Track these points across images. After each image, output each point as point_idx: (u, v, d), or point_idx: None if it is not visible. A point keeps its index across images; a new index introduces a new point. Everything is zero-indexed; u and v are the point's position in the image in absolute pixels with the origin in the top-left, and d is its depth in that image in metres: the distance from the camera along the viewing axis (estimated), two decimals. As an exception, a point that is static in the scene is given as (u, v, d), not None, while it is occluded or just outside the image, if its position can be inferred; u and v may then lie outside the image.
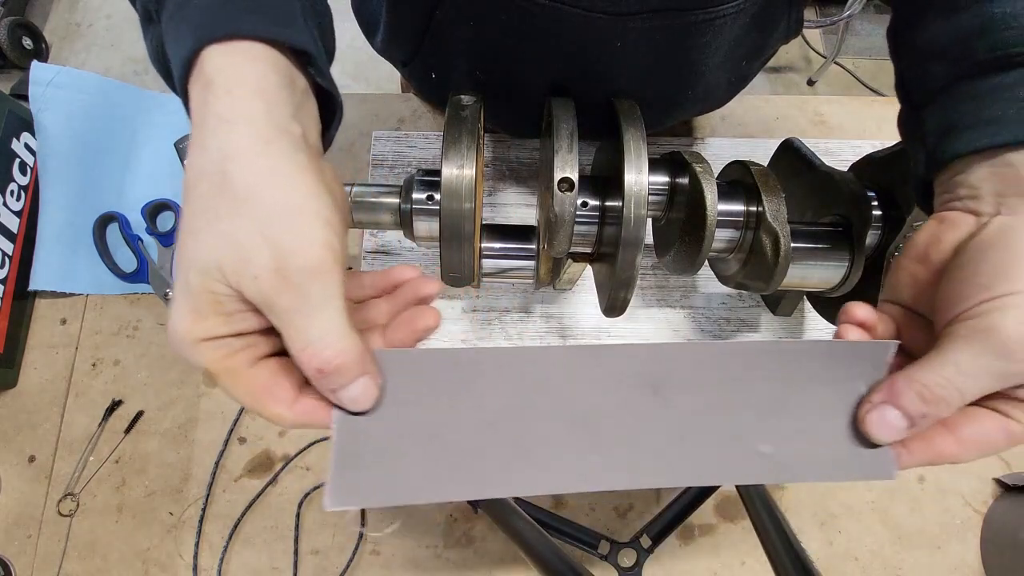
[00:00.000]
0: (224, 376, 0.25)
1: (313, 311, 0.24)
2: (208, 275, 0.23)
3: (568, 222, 0.43)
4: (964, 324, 0.25)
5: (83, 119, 0.63)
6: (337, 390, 0.25)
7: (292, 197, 0.24)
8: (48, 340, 0.60)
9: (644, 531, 0.49)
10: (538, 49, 0.45)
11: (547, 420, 0.27)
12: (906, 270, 0.31)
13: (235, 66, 0.24)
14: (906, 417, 0.26)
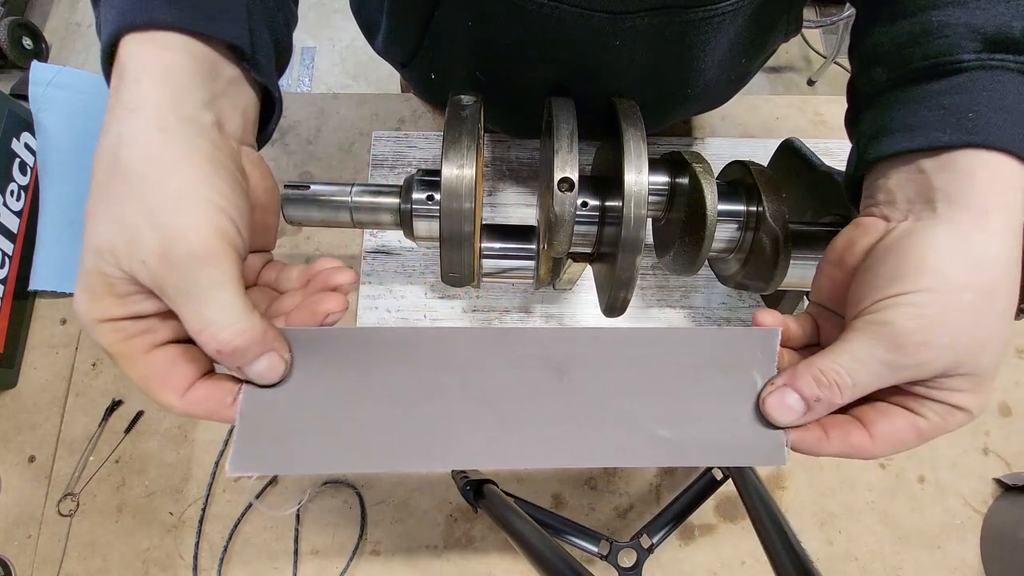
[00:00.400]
0: (119, 358, 0.25)
1: (205, 295, 0.24)
2: (101, 257, 0.24)
3: (568, 222, 0.43)
4: (862, 319, 0.27)
5: (83, 119, 0.63)
6: (243, 367, 0.26)
7: (182, 182, 0.24)
8: (48, 340, 0.60)
9: (644, 531, 0.49)
10: (537, 49, 0.45)
11: (450, 398, 0.28)
12: (825, 273, 0.33)
13: (146, 54, 0.24)
14: (803, 400, 0.28)
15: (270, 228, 0.33)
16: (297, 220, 0.48)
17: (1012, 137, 0.27)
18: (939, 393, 0.27)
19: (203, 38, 0.25)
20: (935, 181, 0.28)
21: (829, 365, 0.27)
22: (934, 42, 0.29)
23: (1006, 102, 0.28)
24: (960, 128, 0.27)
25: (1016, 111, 0.27)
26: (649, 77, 0.48)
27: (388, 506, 0.56)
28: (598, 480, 0.57)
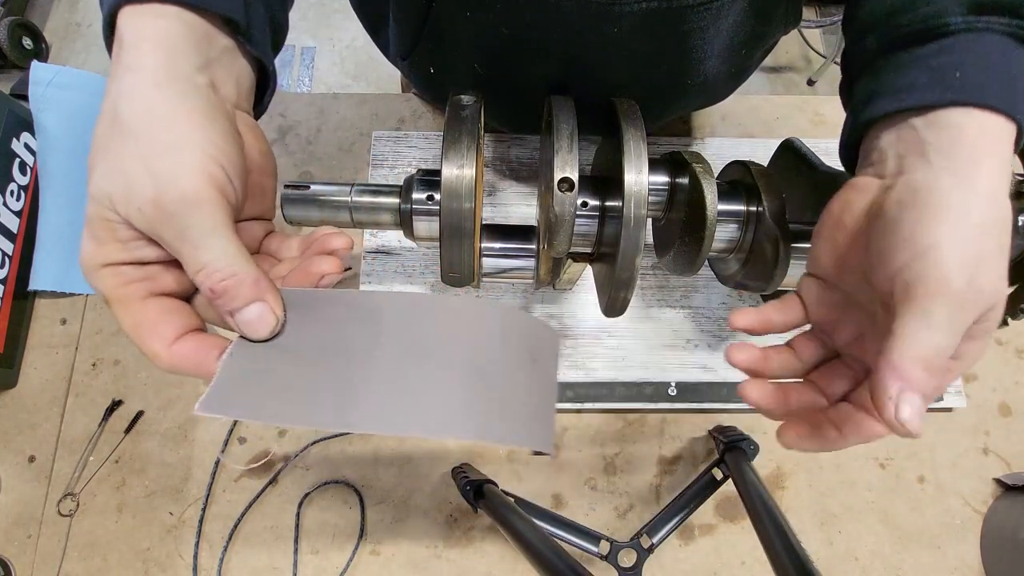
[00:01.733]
0: (114, 304, 0.26)
1: (198, 239, 0.25)
2: (101, 204, 0.25)
3: (568, 222, 0.43)
4: (916, 288, 0.26)
5: (83, 119, 0.63)
6: (234, 312, 0.26)
7: (175, 133, 0.25)
8: (48, 340, 0.60)
9: (644, 531, 0.49)
10: (535, 38, 0.45)
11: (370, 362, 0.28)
12: (823, 239, 0.33)
13: (143, 23, 0.26)
14: (924, 399, 0.26)
15: (268, 192, 0.33)
16: (297, 220, 0.48)
17: (996, 95, 0.27)
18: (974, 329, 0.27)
19: (198, 10, 0.26)
20: (925, 136, 0.28)
21: (929, 351, 0.26)
22: (922, 8, 0.30)
23: (991, 62, 0.28)
24: (947, 87, 0.28)
25: (1000, 70, 0.28)
26: (648, 67, 0.48)
27: (388, 506, 0.56)
28: (598, 480, 0.57)
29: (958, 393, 0.60)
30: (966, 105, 0.28)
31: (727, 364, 0.60)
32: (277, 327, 0.27)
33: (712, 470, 0.52)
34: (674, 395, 0.58)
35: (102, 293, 0.26)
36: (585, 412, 0.59)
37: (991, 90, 0.27)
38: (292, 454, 0.57)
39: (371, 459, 0.57)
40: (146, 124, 0.25)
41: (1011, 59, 0.29)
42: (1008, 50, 0.29)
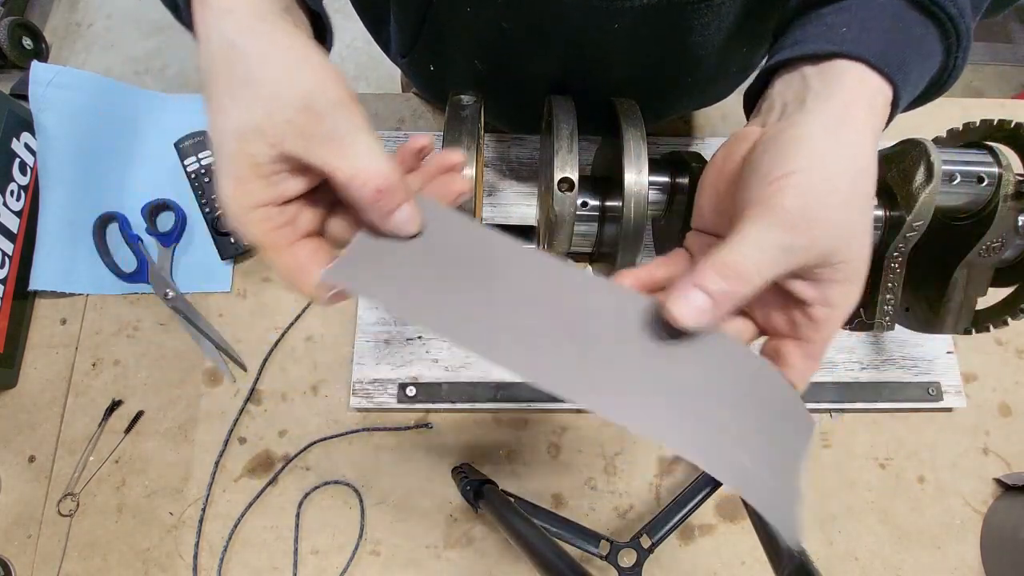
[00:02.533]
0: (269, 250, 0.27)
1: (351, 139, 0.26)
2: (245, 139, 0.25)
3: (568, 222, 0.43)
4: (751, 207, 0.27)
5: (83, 119, 0.63)
6: (388, 215, 0.27)
7: (301, 51, 0.26)
8: (48, 340, 0.60)
9: (644, 531, 0.49)
10: (534, 33, 0.45)
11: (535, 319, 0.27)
12: (704, 191, 0.33)
13: None
14: (709, 297, 0.25)
15: None
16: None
17: (874, 52, 0.28)
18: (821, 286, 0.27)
19: None
20: (810, 84, 0.29)
21: (730, 256, 0.26)
22: None
23: (876, 23, 0.29)
24: (833, 40, 0.29)
25: (882, 30, 0.29)
26: (649, 65, 0.48)
27: (388, 506, 0.56)
28: (598, 480, 0.57)
29: (958, 393, 0.60)
30: (848, 57, 0.28)
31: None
32: (420, 228, 0.28)
33: (712, 470, 0.52)
34: (674, 395, 0.58)
35: (253, 238, 0.27)
36: (585, 412, 0.59)
37: (871, 47, 0.28)
38: (292, 454, 0.57)
39: (371, 459, 0.57)
40: (270, 49, 0.25)
41: (899, 21, 0.29)
42: (900, 12, 0.29)
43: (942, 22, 0.30)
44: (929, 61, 0.31)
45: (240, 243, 0.61)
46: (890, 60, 0.28)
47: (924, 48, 0.30)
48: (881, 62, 0.28)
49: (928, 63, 0.30)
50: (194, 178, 0.64)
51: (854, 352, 0.61)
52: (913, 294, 0.49)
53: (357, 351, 0.58)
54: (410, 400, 0.57)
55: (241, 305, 0.61)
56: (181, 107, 0.68)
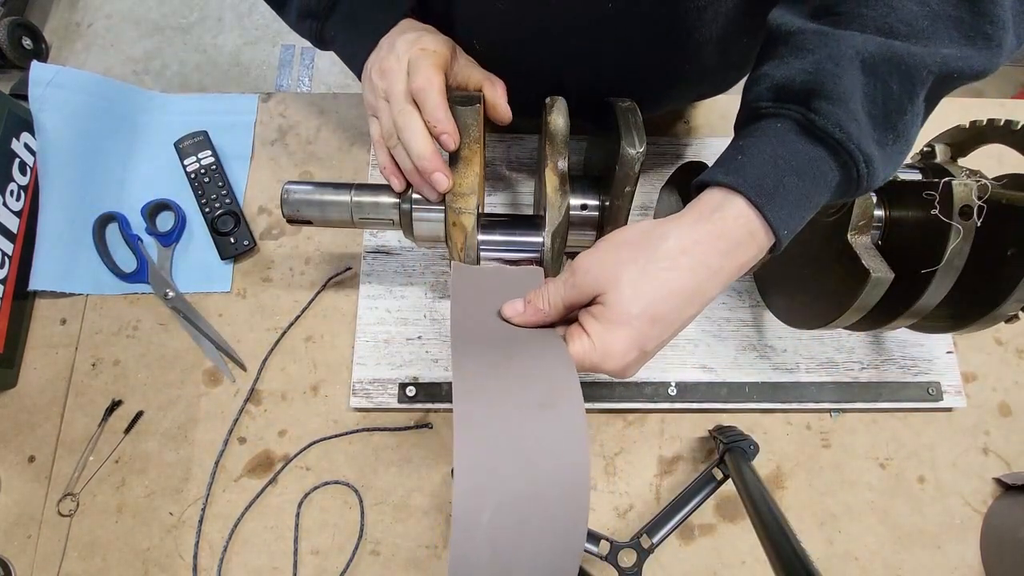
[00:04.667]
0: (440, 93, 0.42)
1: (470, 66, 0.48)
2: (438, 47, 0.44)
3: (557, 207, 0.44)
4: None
5: (83, 119, 0.63)
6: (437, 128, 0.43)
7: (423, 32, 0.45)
8: (48, 340, 0.60)
9: (644, 531, 0.49)
10: (531, 13, 0.45)
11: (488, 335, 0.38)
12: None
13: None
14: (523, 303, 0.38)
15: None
16: (297, 219, 0.49)
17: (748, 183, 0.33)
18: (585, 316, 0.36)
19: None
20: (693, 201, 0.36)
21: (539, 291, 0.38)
22: (753, 89, 0.36)
23: (765, 151, 0.34)
24: (727, 170, 0.34)
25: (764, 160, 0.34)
26: (644, 52, 0.48)
27: (388, 506, 0.56)
28: (598, 480, 0.57)
29: (958, 393, 0.60)
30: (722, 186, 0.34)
31: (727, 364, 0.60)
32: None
33: (712, 470, 0.52)
34: (674, 395, 0.58)
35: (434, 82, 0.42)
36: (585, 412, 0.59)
37: (747, 177, 0.33)
38: (292, 454, 0.57)
39: (371, 459, 0.57)
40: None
41: (787, 148, 0.34)
42: (790, 140, 0.34)
43: (829, 145, 0.33)
44: (824, 179, 0.34)
45: (240, 243, 0.61)
46: (762, 187, 0.33)
47: (813, 170, 0.34)
48: (750, 190, 0.33)
49: (823, 180, 0.34)
50: (194, 178, 0.64)
51: (854, 352, 0.61)
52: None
53: (357, 351, 0.58)
54: (410, 400, 0.57)
55: (241, 305, 0.61)
56: (181, 107, 0.68)
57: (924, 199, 0.42)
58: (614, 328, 0.34)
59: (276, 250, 0.63)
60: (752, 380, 0.59)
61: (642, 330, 0.34)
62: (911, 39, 0.33)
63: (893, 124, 0.34)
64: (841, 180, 0.34)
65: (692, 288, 0.34)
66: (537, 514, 0.30)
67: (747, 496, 0.45)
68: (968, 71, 0.33)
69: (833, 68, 0.32)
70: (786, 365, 0.60)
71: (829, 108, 0.33)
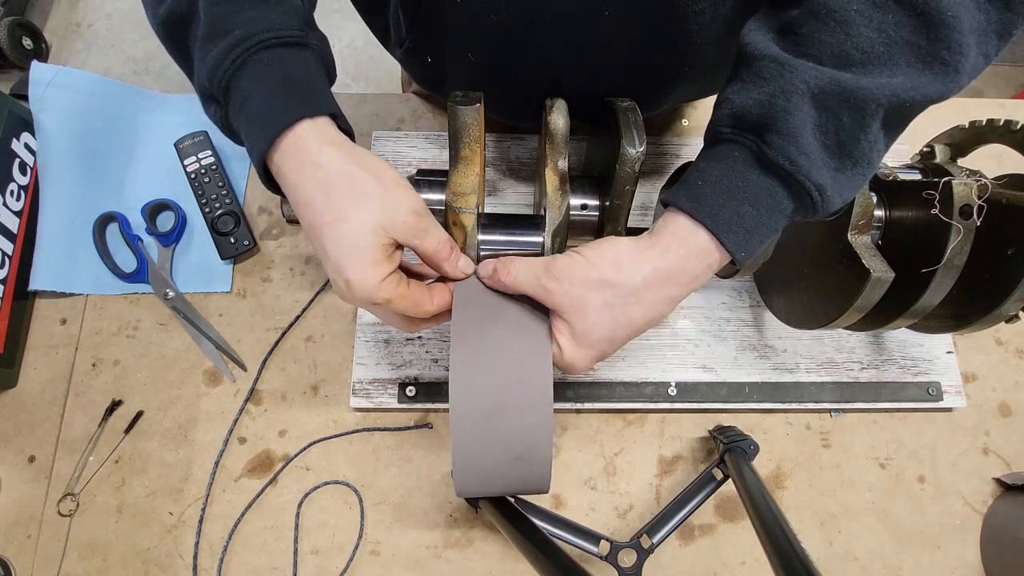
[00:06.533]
0: (396, 300, 0.37)
1: (434, 225, 0.39)
2: (376, 233, 0.35)
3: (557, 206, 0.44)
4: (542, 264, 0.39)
5: (83, 119, 0.63)
6: (456, 263, 0.41)
7: (395, 175, 0.37)
8: (48, 340, 0.60)
9: (644, 531, 0.49)
10: (526, 21, 0.45)
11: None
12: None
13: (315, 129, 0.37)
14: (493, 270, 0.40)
15: None
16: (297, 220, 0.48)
17: (705, 211, 0.36)
18: (555, 323, 0.39)
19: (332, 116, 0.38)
20: (659, 221, 0.38)
21: (513, 261, 0.40)
22: (716, 112, 0.38)
23: (721, 181, 0.36)
24: (688, 194, 0.37)
25: (721, 189, 0.36)
26: (643, 52, 0.48)
27: (388, 506, 0.56)
28: (598, 480, 0.57)
29: (958, 393, 0.60)
30: (683, 212, 0.36)
31: (727, 364, 0.60)
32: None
33: (712, 470, 0.52)
34: (674, 395, 0.58)
35: (386, 297, 0.36)
36: (585, 412, 0.59)
37: (705, 206, 0.36)
38: (292, 454, 0.57)
39: (371, 459, 0.57)
40: (383, 172, 0.37)
41: (741, 179, 0.36)
42: (744, 170, 0.36)
43: (781, 176, 0.35)
44: (779, 206, 0.36)
45: (240, 243, 0.61)
46: (718, 216, 0.35)
47: (767, 198, 0.35)
48: (707, 219, 0.35)
49: (777, 208, 0.36)
50: (194, 178, 0.64)
51: (854, 352, 0.61)
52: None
53: (357, 351, 0.58)
54: (410, 400, 0.57)
55: (241, 305, 0.61)
56: (181, 107, 0.68)
57: (924, 199, 0.42)
58: (579, 348, 0.38)
59: (276, 250, 0.63)
60: (752, 380, 0.59)
61: (602, 349, 0.38)
62: (866, 66, 0.34)
63: (849, 152, 0.35)
64: (796, 207, 0.36)
65: (651, 317, 0.38)
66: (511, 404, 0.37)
67: (747, 496, 0.45)
68: (922, 99, 0.34)
69: (784, 104, 0.34)
70: (786, 365, 0.60)
71: (779, 142, 0.34)
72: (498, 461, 0.38)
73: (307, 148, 0.36)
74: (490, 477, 0.39)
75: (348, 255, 0.35)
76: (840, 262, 0.45)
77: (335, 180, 0.35)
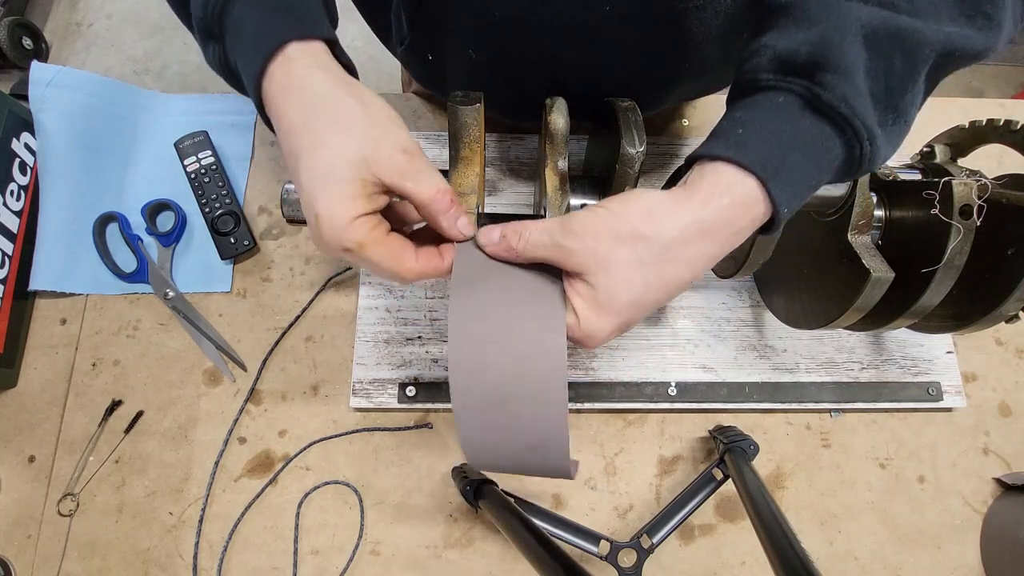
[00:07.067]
0: (371, 244, 0.32)
1: (430, 170, 0.34)
2: (356, 166, 0.31)
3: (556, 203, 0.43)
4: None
5: (83, 119, 0.63)
6: (454, 220, 0.35)
7: (387, 109, 0.34)
8: (48, 340, 0.60)
9: (644, 531, 0.49)
10: (526, 20, 0.45)
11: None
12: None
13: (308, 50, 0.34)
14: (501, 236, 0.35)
15: None
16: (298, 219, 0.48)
17: (751, 157, 0.31)
18: (572, 287, 0.34)
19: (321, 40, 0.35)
20: (692, 175, 0.33)
21: (524, 224, 0.35)
22: (752, 60, 0.34)
23: (767, 125, 0.32)
24: (727, 144, 0.32)
25: (767, 134, 0.32)
26: (643, 50, 0.48)
27: (388, 506, 0.56)
28: (598, 480, 0.57)
29: (958, 393, 0.60)
30: (725, 160, 0.32)
31: (727, 364, 0.60)
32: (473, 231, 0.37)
33: (712, 470, 0.52)
34: (674, 395, 0.58)
35: (357, 240, 0.32)
36: (585, 412, 0.59)
37: (750, 152, 0.31)
38: (292, 454, 0.57)
39: (371, 459, 0.57)
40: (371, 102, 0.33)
41: (790, 123, 0.32)
42: (793, 114, 0.32)
43: (835, 121, 0.32)
44: (828, 157, 0.33)
45: (240, 243, 0.61)
46: (767, 163, 0.31)
47: (818, 146, 0.32)
48: (755, 165, 0.31)
49: (826, 158, 0.33)
50: (194, 178, 0.64)
51: (854, 352, 0.61)
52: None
53: (357, 351, 0.58)
54: (410, 400, 0.57)
55: (241, 305, 0.61)
56: (181, 107, 0.68)
57: (924, 199, 0.42)
58: (602, 314, 0.33)
59: (276, 250, 0.63)
60: (752, 380, 0.59)
61: (628, 316, 0.33)
62: (912, 15, 0.32)
63: (894, 103, 0.33)
64: (844, 159, 0.33)
65: (685, 279, 0.33)
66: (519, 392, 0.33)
67: (747, 496, 0.45)
68: (970, 50, 0.33)
69: (839, 41, 0.31)
70: (786, 365, 0.60)
71: (835, 82, 0.31)
72: (510, 451, 0.35)
73: (294, 69, 0.33)
74: (505, 465, 0.36)
75: (320, 185, 0.31)
76: (840, 262, 0.45)
77: (318, 103, 0.32)
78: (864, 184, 0.44)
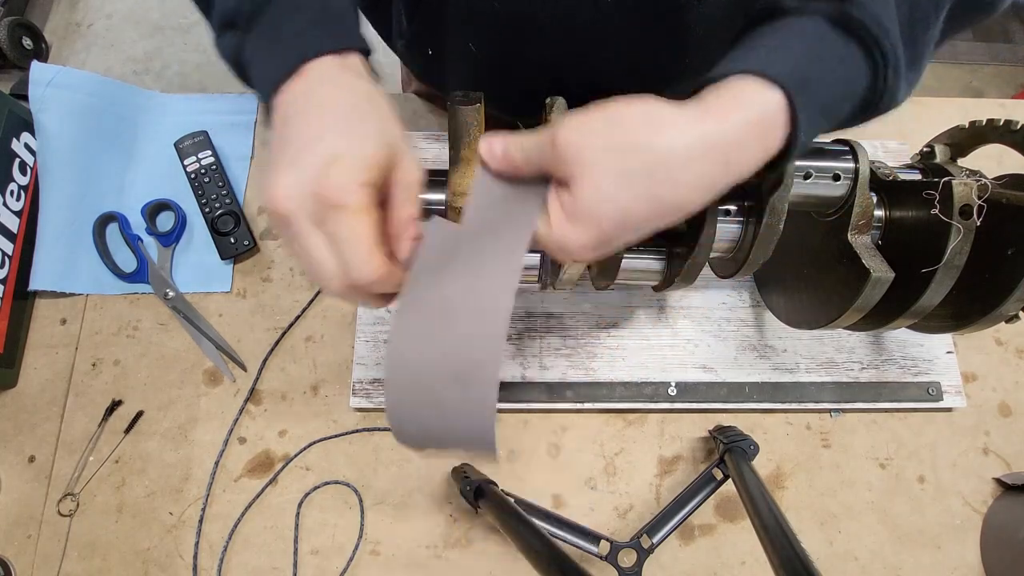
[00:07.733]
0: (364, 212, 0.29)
1: (409, 158, 0.32)
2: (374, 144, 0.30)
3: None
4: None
5: (83, 119, 0.63)
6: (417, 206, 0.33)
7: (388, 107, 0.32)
8: (48, 340, 0.60)
9: (644, 531, 0.49)
10: (527, 13, 0.45)
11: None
12: None
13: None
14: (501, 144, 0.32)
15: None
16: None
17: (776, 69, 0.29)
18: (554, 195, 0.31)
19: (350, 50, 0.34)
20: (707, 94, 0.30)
21: (520, 136, 0.32)
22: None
23: (793, 43, 0.31)
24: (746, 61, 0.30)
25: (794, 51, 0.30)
26: (644, 45, 0.48)
27: (388, 506, 0.56)
28: (598, 480, 0.57)
29: (958, 393, 0.60)
30: (745, 73, 0.29)
31: (727, 364, 0.60)
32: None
33: (712, 470, 0.52)
34: (674, 395, 0.58)
35: (356, 202, 0.29)
36: (585, 412, 0.59)
37: (774, 65, 0.29)
38: (292, 454, 0.57)
39: (371, 459, 0.57)
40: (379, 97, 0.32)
41: (819, 42, 0.30)
42: (822, 33, 0.31)
43: (864, 41, 0.30)
44: (853, 82, 0.31)
45: (240, 243, 0.61)
46: (793, 76, 0.29)
47: (844, 69, 0.31)
48: (783, 76, 0.29)
49: (851, 84, 0.31)
50: (194, 178, 0.64)
51: (854, 352, 0.61)
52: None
53: (357, 351, 0.58)
54: (410, 400, 0.57)
55: (241, 305, 0.61)
56: (181, 107, 0.68)
57: (924, 199, 0.42)
58: (577, 225, 0.30)
59: (276, 250, 0.63)
60: (752, 380, 0.59)
61: (607, 232, 0.29)
62: None
63: (914, 41, 0.32)
64: (868, 87, 0.31)
65: (679, 203, 0.29)
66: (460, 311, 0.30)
67: (747, 496, 0.45)
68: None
69: None
70: (786, 365, 0.60)
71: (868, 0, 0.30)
72: (431, 376, 0.30)
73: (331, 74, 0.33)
74: (419, 398, 0.31)
75: (340, 132, 0.30)
76: (840, 262, 0.45)
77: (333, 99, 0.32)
78: (864, 184, 0.44)
